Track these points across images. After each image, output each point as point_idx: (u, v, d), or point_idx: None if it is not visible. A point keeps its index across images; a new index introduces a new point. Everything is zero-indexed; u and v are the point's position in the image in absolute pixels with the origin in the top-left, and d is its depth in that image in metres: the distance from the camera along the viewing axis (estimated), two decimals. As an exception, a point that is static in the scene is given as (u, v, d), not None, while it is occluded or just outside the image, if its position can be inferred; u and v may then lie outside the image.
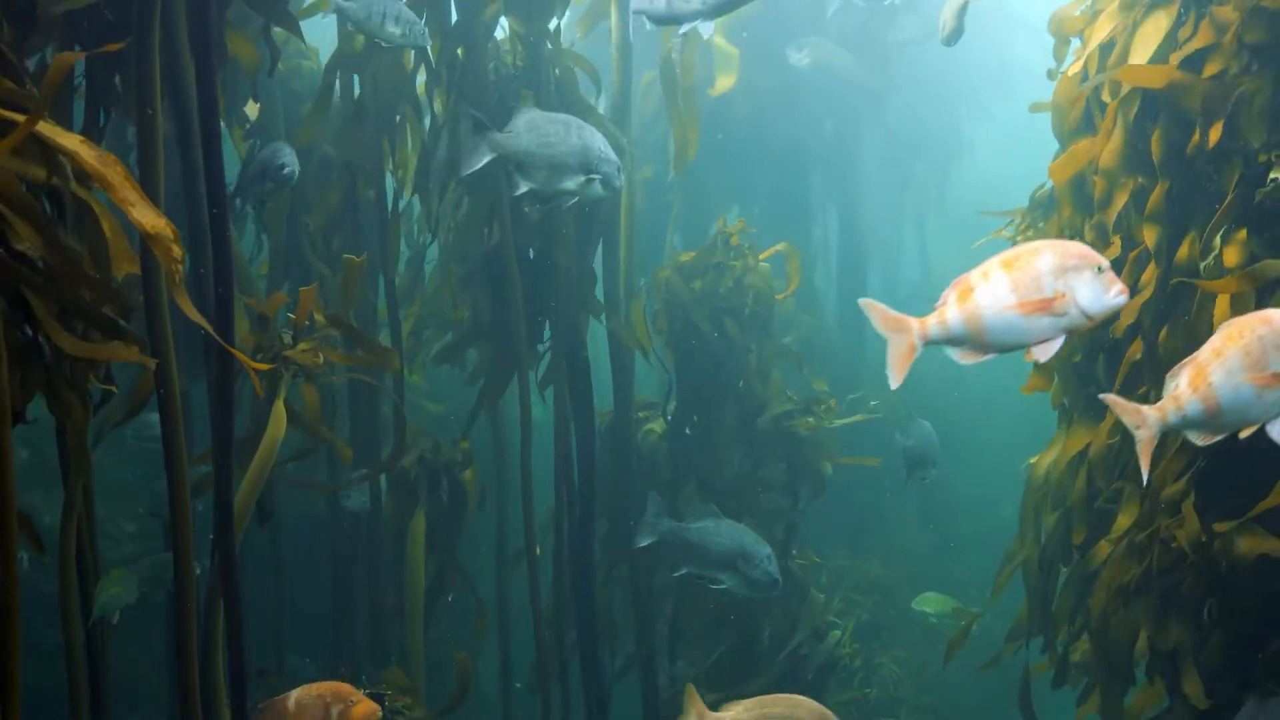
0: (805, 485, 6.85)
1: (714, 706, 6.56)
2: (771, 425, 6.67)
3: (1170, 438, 4.30)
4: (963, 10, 5.73)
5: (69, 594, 3.92)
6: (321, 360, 4.70)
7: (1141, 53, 4.33)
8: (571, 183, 4.87)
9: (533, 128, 4.84)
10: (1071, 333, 2.97)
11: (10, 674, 2.93)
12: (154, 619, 6.28)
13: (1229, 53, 4.10)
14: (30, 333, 3.24)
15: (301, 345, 4.66)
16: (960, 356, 3.10)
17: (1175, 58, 4.20)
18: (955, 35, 5.85)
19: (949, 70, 10.42)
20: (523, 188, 4.91)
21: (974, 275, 3.04)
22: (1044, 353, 2.97)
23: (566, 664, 6.59)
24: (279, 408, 4.48)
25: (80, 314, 3.24)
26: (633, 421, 6.78)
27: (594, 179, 4.88)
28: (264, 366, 4.47)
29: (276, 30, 4.92)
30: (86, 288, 3.18)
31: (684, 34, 4.66)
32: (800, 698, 3.88)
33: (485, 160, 4.90)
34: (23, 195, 3.03)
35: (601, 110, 6.33)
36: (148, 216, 2.89)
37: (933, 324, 3.08)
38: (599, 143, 4.89)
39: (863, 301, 3.17)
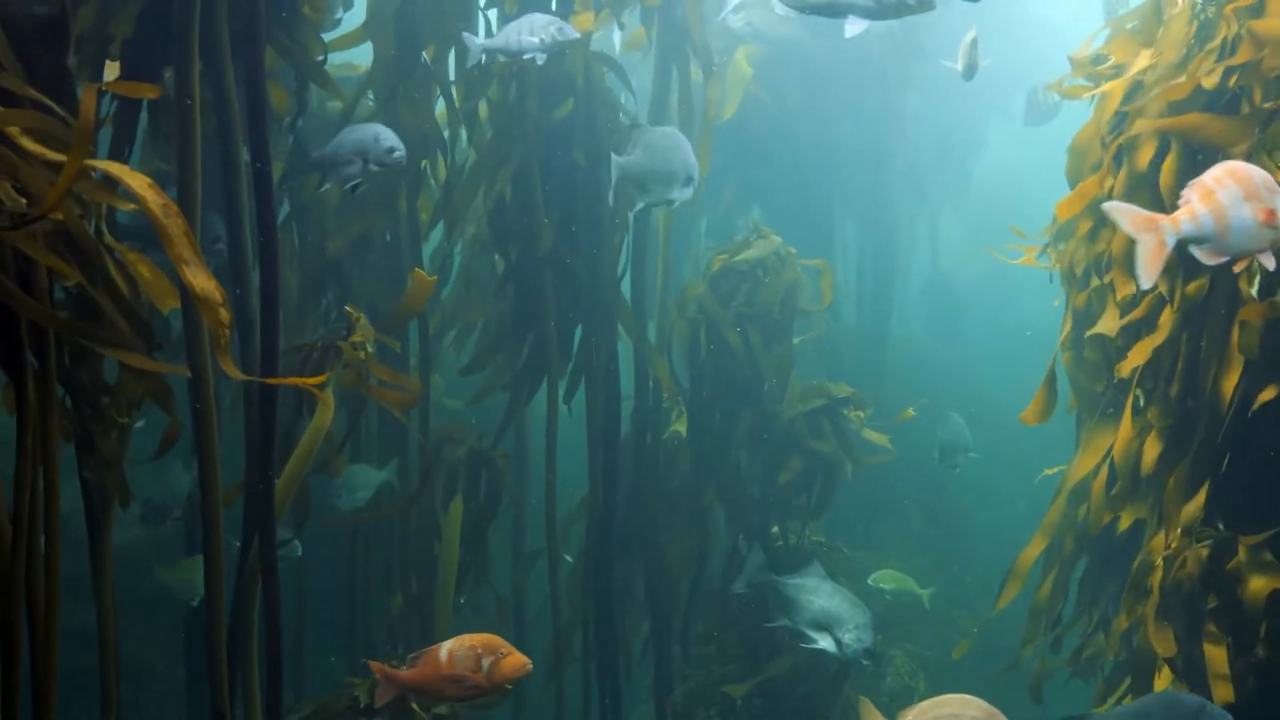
0: (822, 485, 6.99)
1: (735, 695, 6.78)
2: (787, 427, 6.81)
3: (1190, 444, 4.47)
4: (972, 47, 5.91)
5: (103, 580, 4.06)
6: (366, 356, 4.89)
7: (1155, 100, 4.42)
8: (680, 192, 5.26)
9: (649, 148, 5.24)
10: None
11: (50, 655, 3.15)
12: (159, 602, 6.46)
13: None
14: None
15: (354, 337, 4.85)
16: (1203, 255, 3.23)
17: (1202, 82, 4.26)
18: (970, 71, 6.06)
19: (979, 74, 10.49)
20: (640, 204, 5.45)
21: (1208, 179, 3.21)
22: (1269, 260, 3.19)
23: (587, 651, 6.74)
24: (327, 397, 4.66)
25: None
26: (653, 420, 6.91)
27: (691, 184, 5.27)
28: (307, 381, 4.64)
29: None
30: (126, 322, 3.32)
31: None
32: (968, 697, 3.87)
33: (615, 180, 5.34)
34: (87, 235, 3.16)
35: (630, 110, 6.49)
36: (199, 279, 2.97)
37: (1184, 220, 3.23)
38: (689, 150, 5.30)
39: (1107, 206, 3.36)
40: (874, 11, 3.70)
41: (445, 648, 3.92)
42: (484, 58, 5.65)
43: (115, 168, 2.93)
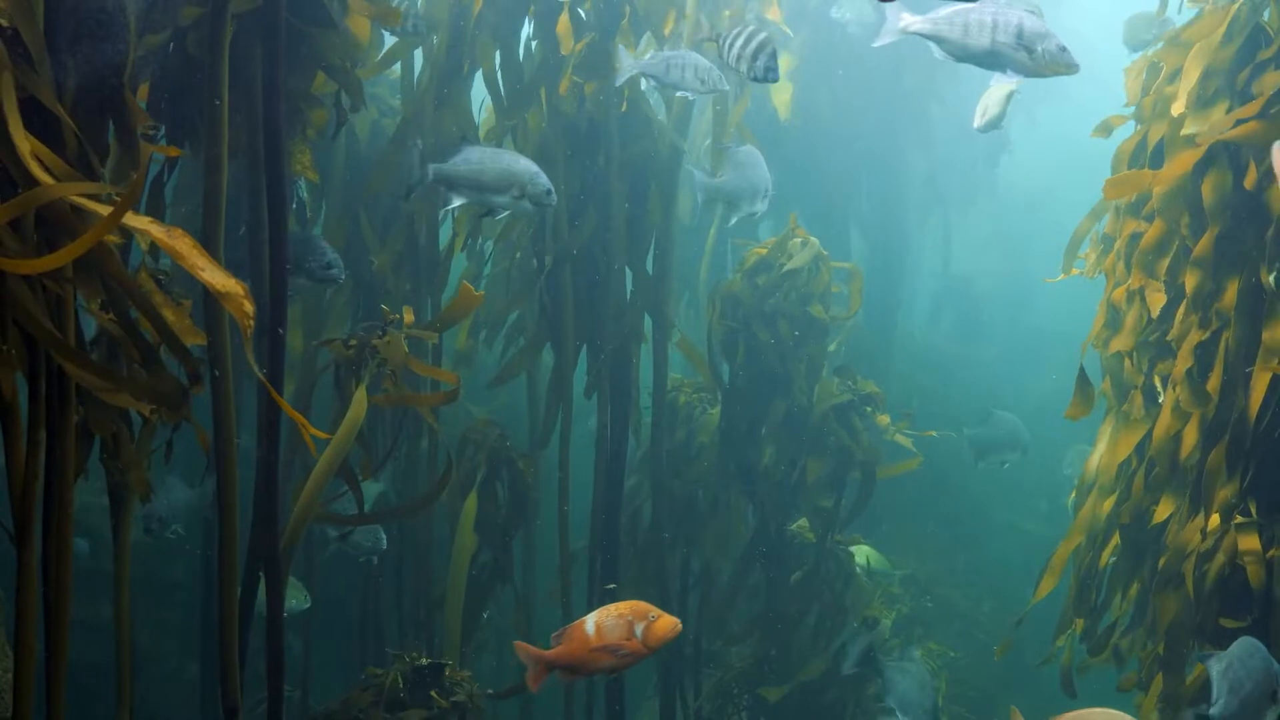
0: (851, 483, 7.07)
1: (771, 699, 6.83)
2: (818, 425, 6.89)
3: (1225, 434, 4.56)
4: (1007, 100, 6.01)
5: (122, 578, 4.15)
6: (405, 352, 4.97)
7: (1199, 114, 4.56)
8: (760, 205, 5.70)
9: (737, 166, 5.64)
10: None
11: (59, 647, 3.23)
12: (169, 599, 6.55)
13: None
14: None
15: (388, 337, 4.92)
16: None
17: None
18: (994, 124, 6.15)
19: (984, 80, 10.59)
20: (732, 219, 5.87)
21: None
22: None
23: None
24: (360, 393, 4.71)
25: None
26: (667, 416, 7.00)
27: (769, 196, 5.64)
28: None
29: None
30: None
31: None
32: (1112, 711, 3.81)
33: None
34: (128, 276, 3.32)
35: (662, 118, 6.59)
36: (218, 278, 3.10)
37: None
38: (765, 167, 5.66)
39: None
40: (1026, 68, 3.89)
41: (590, 621, 3.88)
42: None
43: (127, 219, 3.04)
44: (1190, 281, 4.68)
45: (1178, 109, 4.67)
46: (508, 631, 7.13)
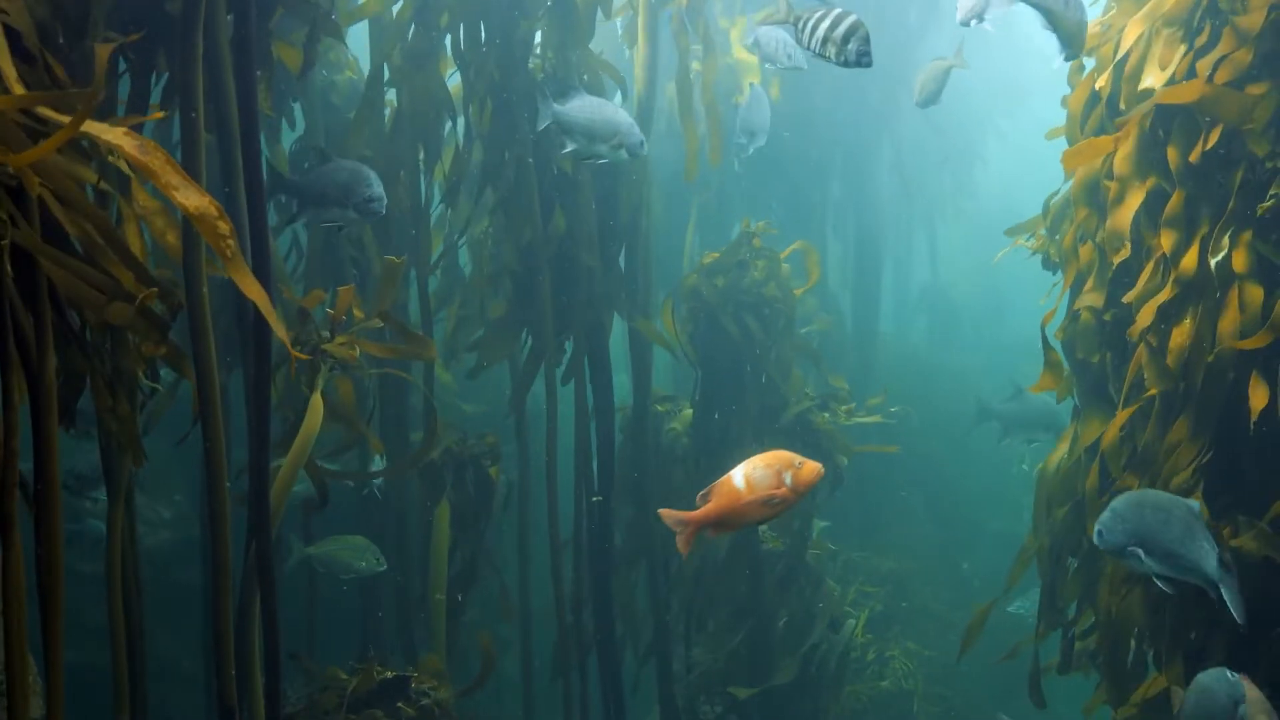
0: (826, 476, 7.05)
1: (740, 699, 6.79)
2: (792, 421, 6.88)
3: (1176, 422, 4.53)
4: (945, 75, 6.04)
5: (114, 577, 4.06)
6: (357, 354, 4.91)
7: (1156, 66, 4.52)
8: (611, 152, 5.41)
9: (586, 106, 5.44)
10: None
11: (54, 649, 3.10)
12: (186, 603, 6.52)
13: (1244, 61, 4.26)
14: (76, 325, 3.40)
15: (339, 339, 4.86)
16: None
17: (1201, 67, 4.36)
18: (931, 99, 6.19)
19: (963, 89, 10.68)
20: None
21: None
22: None
23: (587, 651, 6.78)
24: (316, 400, 4.64)
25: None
26: (650, 414, 7.01)
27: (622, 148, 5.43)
28: (303, 356, 4.64)
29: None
30: (138, 279, 3.28)
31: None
32: None
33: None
34: (78, 195, 3.17)
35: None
36: (191, 198, 2.90)
37: None
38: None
39: None
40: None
41: (739, 474, 3.75)
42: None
43: (91, 127, 2.89)
44: (1165, 241, 4.56)
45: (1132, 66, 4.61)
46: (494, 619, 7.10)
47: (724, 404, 6.99)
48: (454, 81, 6.41)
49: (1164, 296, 4.54)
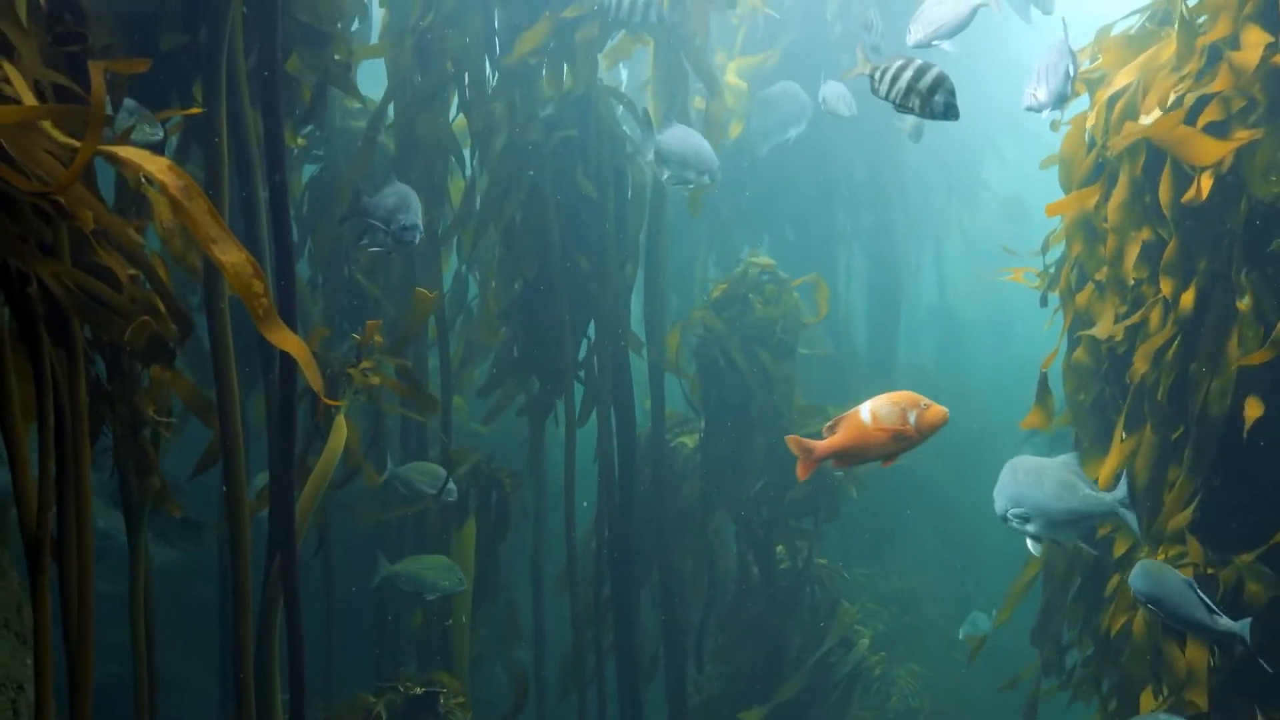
0: (826, 503, 7.20)
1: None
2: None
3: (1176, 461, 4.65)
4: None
5: (136, 596, 4.13)
6: (378, 381, 5.07)
7: (1151, 103, 4.64)
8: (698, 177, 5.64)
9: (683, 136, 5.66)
10: None
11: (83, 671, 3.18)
12: (198, 620, 6.64)
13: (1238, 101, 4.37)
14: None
15: (364, 363, 5.03)
16: None
17: (1186, 105, 4.44)
18: (916, 134, 6.34)
19: (967, 115, 10.80)
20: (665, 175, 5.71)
21: None
22: None
23: (601, 666, 6.90)
24: (340, 421, 4.79)
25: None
26: (665, 440, 7.15)
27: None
28: (335, 403, 4.77)
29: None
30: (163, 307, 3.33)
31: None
32: None
33: None
34: (116, 223, 3.22)
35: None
36: (229, 254, 2.89)
37: None
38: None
39: None
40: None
41: (866, 409, 3.84)
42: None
43: (132, 152, 2.88)
44: (1165, 287, 4.66)
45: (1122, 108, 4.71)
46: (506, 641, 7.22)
47: (730, 429, 7.13)
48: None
49: (1162, 338, 4.64)
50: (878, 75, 4.06)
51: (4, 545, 3.18)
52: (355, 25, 6.36)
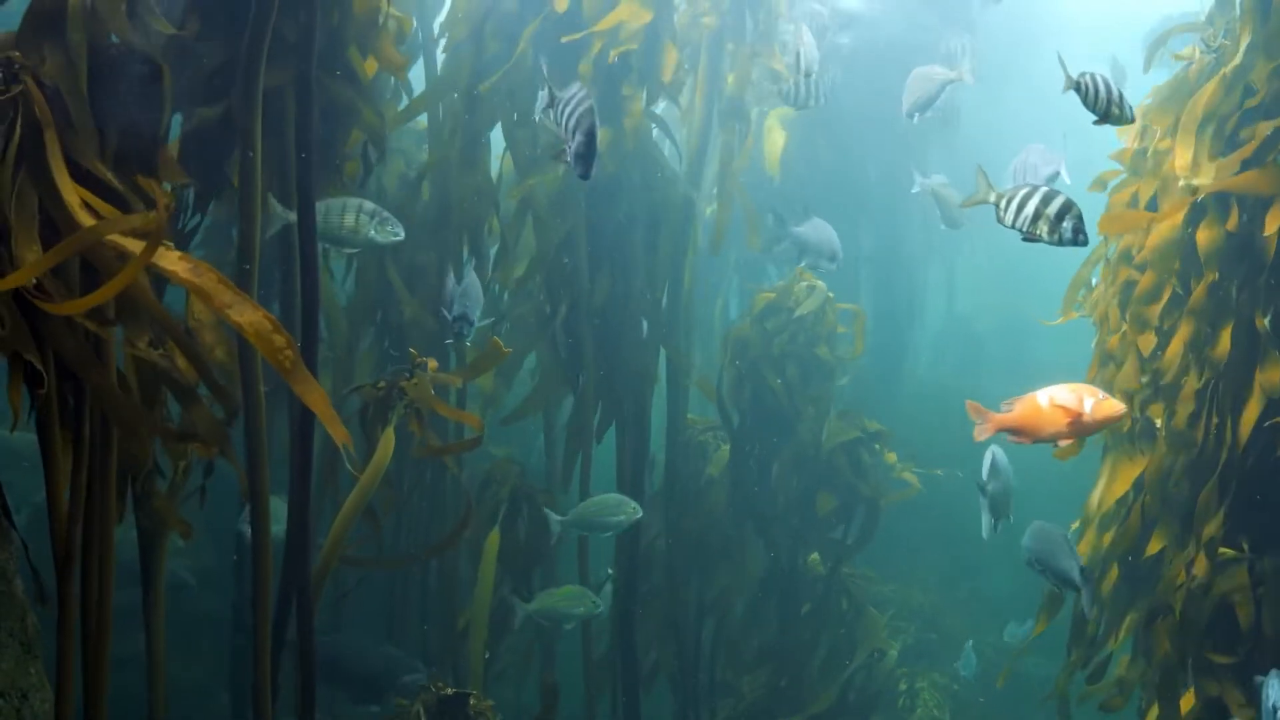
0: (857, 516, 7.32)
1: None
2: (831, 458, 7.15)
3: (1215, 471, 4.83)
4: (938, 89, 6.51)
5: (154, 608, 4.30)
6: (431, 396, 5.21)
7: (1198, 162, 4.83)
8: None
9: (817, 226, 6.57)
10: None
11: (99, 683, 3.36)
12: (200, 630, 6.75)
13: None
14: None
15: (416, 379, 5.17)
16: None
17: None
18: (920, 108, 6.60)
19: (985, 127, 10.94)
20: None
21: None
22: None
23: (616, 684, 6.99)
24: (388, 434, 4.91)
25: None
26: (681, 459, 7.30)
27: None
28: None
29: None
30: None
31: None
32: None
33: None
34: (166, 315, 3.47)
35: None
36: (245, 314, 3.11)
37: None
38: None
39: None
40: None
41: (1044, 394, 4.13)
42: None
43: (157, 257, 3.09)
44: (1186, 329, 4.91)
45: (1180, 165, 4.87)
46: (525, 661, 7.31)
47: (762, 443, 7.26)
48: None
49: (1197, 384, 4.84)
50: (1003, 204, 4.14)
51: (9, 553, 3.34)
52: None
